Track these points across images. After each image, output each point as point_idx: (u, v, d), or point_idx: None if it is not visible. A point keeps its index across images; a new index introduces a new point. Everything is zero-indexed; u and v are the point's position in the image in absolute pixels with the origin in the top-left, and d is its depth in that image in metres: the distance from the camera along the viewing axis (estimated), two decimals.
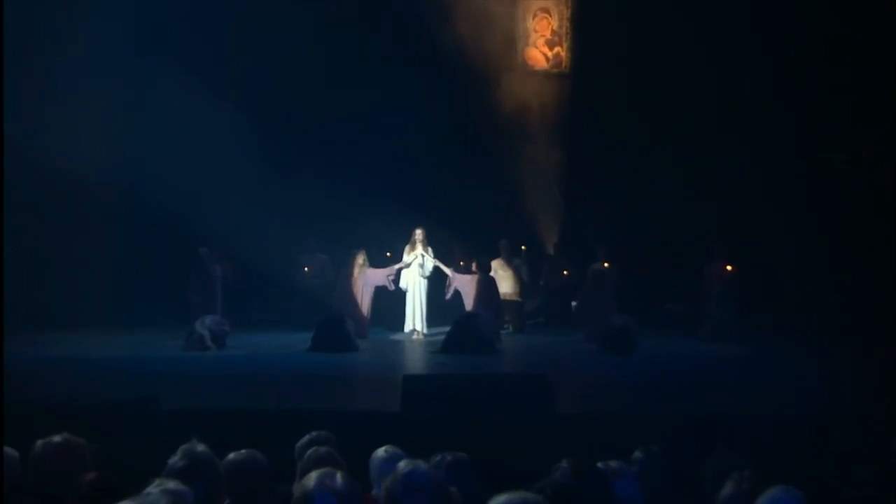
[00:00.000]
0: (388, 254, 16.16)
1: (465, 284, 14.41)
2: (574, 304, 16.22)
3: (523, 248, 15.99)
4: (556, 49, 18.76)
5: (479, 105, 17.56)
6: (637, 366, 11.61)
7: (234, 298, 15.14)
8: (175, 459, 4.48)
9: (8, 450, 4.91)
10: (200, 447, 4.59)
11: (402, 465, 4.07)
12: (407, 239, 15.31)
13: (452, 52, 17.21)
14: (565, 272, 16.17)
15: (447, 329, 14.42)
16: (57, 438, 4.62)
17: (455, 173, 17.20)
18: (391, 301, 15.55)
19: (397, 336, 14.83)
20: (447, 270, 14.61)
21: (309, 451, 4.95)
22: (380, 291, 15.03)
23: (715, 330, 13.87)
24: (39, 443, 4.63)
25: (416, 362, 12.34)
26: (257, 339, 14.07)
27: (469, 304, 14.36)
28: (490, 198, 17.27)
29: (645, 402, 8.97)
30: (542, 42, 18.78)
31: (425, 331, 14.58)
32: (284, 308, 15.93)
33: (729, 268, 14.00)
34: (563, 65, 18.69)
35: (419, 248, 14.66)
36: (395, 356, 13.06)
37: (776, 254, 14.68)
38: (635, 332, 12.63)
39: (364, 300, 14.70)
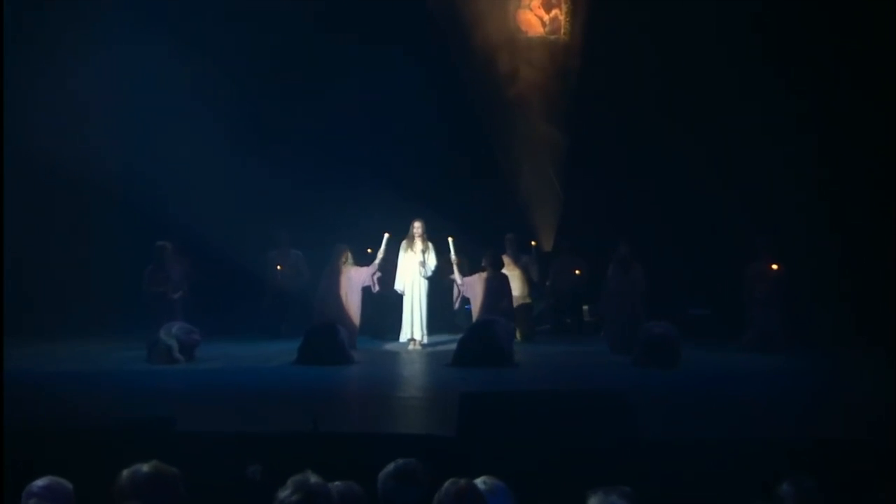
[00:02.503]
0: (368, 250, 16.03)
1: (472, 285, 14.29)
2: (585, 307, 16.29)
3: (533, 243, 15.92)
4: (554, 12, 18.62)
5: (465, 78, 17.49)
6: (690, 381, 11.51)
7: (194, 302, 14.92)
8: (287, 493, 4.43)
9: (60, 480, 4.85)
10: (314, 478, 4.55)
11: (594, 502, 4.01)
12: (390, 232, 15.21)
13: (437, 17, 17.17)
14: (577, 272, 16.12)
15: (447, 338, 14.41)
16: (145, 468, 4.56)
17: (441, 158, 17.22)
18: (378, 304, 15.51)
19: (389, 346, 14.70)
20: (458, 277, 14.45)
21: (446, 484, 4.83)
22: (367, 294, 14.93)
23: (760, 338, 13.89)
24: (126, 473, 4.57)
25: (428, 377, 12.06)
26: (227, 350, 13.86)
27: (476, 306, 14.26)
28: (481, 186, 17.24)
29: (728, 424, 8.90)
30: (537, 4, 18.64)
31: (425, 340, 14.40)
32: (252, 313, 15.75)
33: (775, 267, 14.03)
34: (562, 30, 18.59)
35: (419, 244, 14.42)
36: (400, 370, 12.85)
37: (825, 251, 14.80)
38: (678, 341, 12.61)
39: (352, 304, 14.47)
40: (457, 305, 14.54)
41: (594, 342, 14.87)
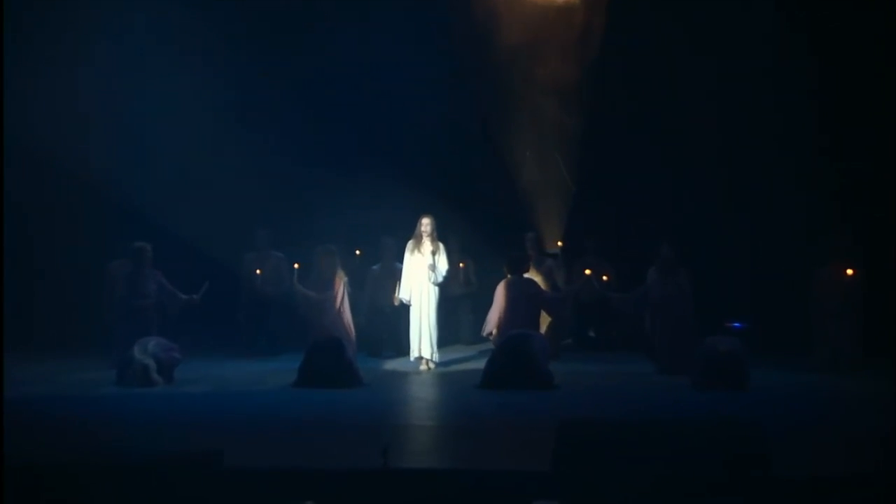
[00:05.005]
0: (357, 252, 15.87)
1: (496, 294, 14.14)
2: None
3: (559, 244, 15.77)
4: None
5: (462, 49, 17.28)
6: (774, 408, 11.34)
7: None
8: None
9: None
10: None
11: None
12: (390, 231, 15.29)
13: None
14: (605, 277, 15.96)
15: (458, 355, 14.50)
16: None
17: (436, 142, 17.21)
18: (370, 316, 15.49)
19: (392, 365, 14.53)
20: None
21: None
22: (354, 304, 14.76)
23: (833, 356, 13.77)
24: None
25: (462, 403, 11.76)
26: (206, 369, 13.74)
27: (494, 318, 14.03)
28: (483, 177, 17.22)
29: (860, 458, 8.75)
30: None
31: (436, 358, 14.15)
32: (226, 325, 15.65)
33: (850, 272, 13.94)
34: None
35: (427, 245, 14.12)
36: (423, 394, 12.54)
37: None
38: (747, 359, 12.49)
39: (346, 315, 14.25)
40: (486, 332, 14.22)
41: (630, 359, 14.84)
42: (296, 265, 14.31)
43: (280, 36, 16.67)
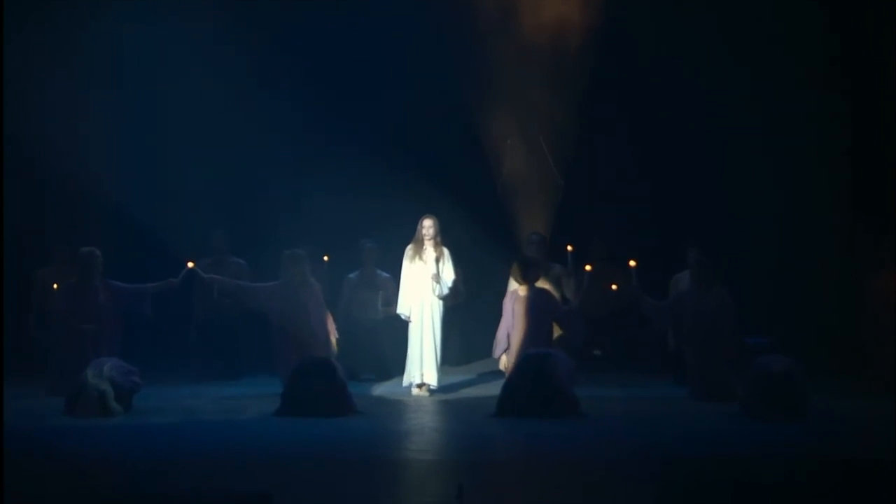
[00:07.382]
0: (325, 257, 15.60)
1: (504, 308, 13.88)
2: None
3: (570, 248, 15.52)
4: None
5: (445, 24, 17.07)
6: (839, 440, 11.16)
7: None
8: None
9: None
10: None
11: None
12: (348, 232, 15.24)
13: None
14: (614, 286, 15.74)
15: (455, 379, 14.32)
16: None
17: (416, 132, 17.14)
18: (347, 332, 15.15)
19: (378, 390, 14.32)
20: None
21: None
22: None
23: (890, 377, 13.53)
24: None
25: (475, 433, 11.44)
26: (163, 397, 13.47)
27: (504, 336, 13.86)
28: (468, 171, 17.11)
29: None
30: None
31: (435, 384, 13.88)
32: (177, 344, 15.56)
33: None
34: None
35: (430, 251, 13.94)
36: (435, 424, 12.16)
37: None
38: (806, 382, 12.21)
39: (323, 332, 13.98)
40: (498, 353, 14.02)
41: (652, 383, 14.91)
42: (325, 257, 14.82)
43: (247, 16, 16.67)
